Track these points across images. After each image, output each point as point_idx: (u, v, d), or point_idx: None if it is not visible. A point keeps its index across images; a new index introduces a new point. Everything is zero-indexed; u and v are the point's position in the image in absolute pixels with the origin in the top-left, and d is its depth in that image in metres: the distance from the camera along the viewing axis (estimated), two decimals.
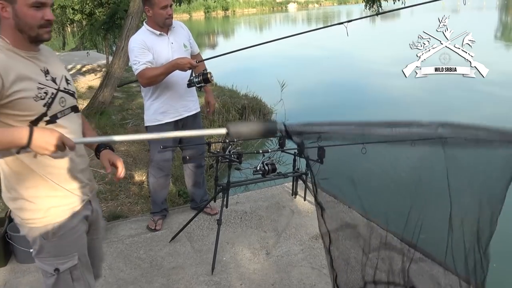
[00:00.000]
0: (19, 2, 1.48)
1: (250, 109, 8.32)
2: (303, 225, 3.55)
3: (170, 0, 3.07)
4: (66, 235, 1.69)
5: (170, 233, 3.40)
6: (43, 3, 1.52)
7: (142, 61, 3.01)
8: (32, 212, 1.63)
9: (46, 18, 1.53)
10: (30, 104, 1.50)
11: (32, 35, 1.53)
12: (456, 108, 9.69)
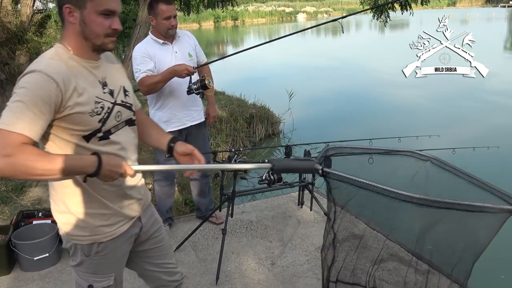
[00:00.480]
0: (89, 8, 1.42)
1: (258, 118, 8.31)
2: (309, 235, 3.51)
3: (174, 11, 3.08)
4: (109, 255, 1.64)
5: (175, 242, 3.38)
6: (113, 12, 1.46)
7: (142, 70, 3.04)
8: (80, 229, 1.57)
9: (113, 27, 1.47)
10: (85, 119, 1.44)
11: (97, 44, 1.47)
12: (466, 118, 9.60)
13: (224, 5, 9.37)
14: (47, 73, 1.35)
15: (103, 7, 1.42)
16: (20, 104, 1.30)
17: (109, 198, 1.57)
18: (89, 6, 1.41)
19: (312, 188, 3.81)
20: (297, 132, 8.23)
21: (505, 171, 6.38)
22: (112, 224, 1.60)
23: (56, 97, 1.35)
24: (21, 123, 1.29)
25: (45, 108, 1.33)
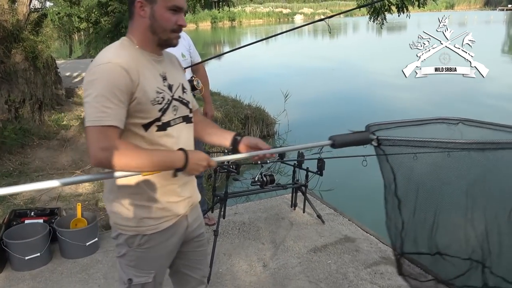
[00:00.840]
0: (159, 3, 1.48)
1: (253, 119, 8.31)
2: (302, 238, 3.51)
3: None
4: (151, 250, 1.63)
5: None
6: (180, 8, 1.52)
7: None
8: (126, 219, 1.59)
9: (179, 23, 1.53)
10: (147, 107, 1.48)
11: (163, 38, 1.53)
12: None
13: (221, 6, 9.33)
14: (118, 63, 1.41)
15: (172, 3, 1.49)
16: (101, 98, 1.36)
17: (159, 193, 1.59)
18: (159, 1, 1.48)
19: (305, 190, 3.81)
20: (292, 133, 8.23)
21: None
22: (157, 217, 1.61)
23: (129, 84, 1.42)
24: (108, 116, 1.36)
25: (123, 97, 1.40)
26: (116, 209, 1.60)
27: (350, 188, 5.92)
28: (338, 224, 3.75)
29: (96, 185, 4.66)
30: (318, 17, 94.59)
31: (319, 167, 3.56)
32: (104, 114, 1.36)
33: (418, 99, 11.96)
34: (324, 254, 3.26)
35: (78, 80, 11.15)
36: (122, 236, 1.62)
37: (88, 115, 1.37)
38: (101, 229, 3.67)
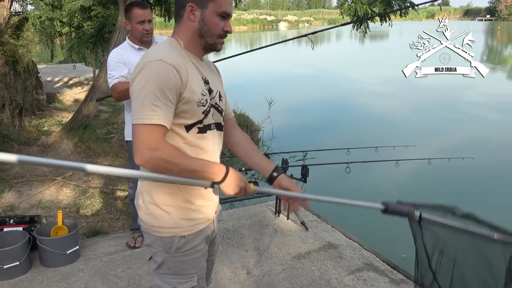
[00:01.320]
0: (210, 9, 1.51)
1: None
2: (285, 245, 3.50)
3: (148, 15, 3.03)
4: (189, 252, 1.61)
5: (147, 253, 3.33)
6: (228, 15, 1.54)
7: (115, 75, 3.00)
8: (162, 220, 1.56)
9: (225, 29, 1.55)
10: (193, 108, 1.49)
11: (209, 42, 1.55)
12: (442, 129, 9.77)
13: None
14: (168, 62, 1.42)
15: (222, 9, 1.51)
16: (150, 95, 1.37)
17: (193, 194, 1.59)
18: (210, 7, 1.50)
19: None
20: (276, 140, 8.26)
21: (479, 182, 6.51)
22: (193, 219, 1.60)
23: (179, 83, 1.42)
24: (157, 115, 1.36)
25: (172, 96, 1.40)
26: (152, 211, 1.58)
27: (333, 195, 5.94)
28: (321, 231, 3.76)
29: (77, 192, 4.60)
30: (302, 24, 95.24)
31: (303, 174, 3.57)
32: (154, 113, 1.36)
33: (400, 106, 12.12)
34: (308, 261, 3.26)
35: (60, 85, 11.01)
36: (158, 241, 1.59)
37: (137, 112, 1.38)
38: (82, 237, 3.61)
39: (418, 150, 5.84)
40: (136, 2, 3.19)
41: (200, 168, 1.40)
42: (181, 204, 1.57)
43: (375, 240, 4.10)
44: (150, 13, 3.08)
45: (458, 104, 12.16)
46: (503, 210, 5.59)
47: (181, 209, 1.58)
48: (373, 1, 7.93)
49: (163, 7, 8.41)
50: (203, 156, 1.53)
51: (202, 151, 1.55)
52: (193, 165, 1.40)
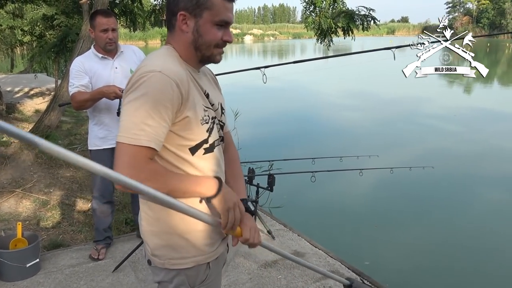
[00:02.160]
0: (205, 17, 1.32)
1: None
2: (252, 254, 3.50)
3: (112, 24, 3.00)
4: (213, 283, 1.45)
5: (114, 262, 3.26)
6: (228, 23, 1.36)
7: (75, 84, 2.97)
8: (182, 250, 1.37)
9: (224, 38, 1.36)
10: (196, 126, 1.31)
11: (206, 55, 1.37)
12: (404, 139, 10.06)
13: None
14: (168, 74, 1.24)
15: (219, 18, 1.33)
16: (142, 112, 1.21)
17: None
18: (205, 15, 1.32)
19: (256, 206, 3.83)
20: (242, 150, 8.18)
21: (438, 190, 6.73)
22: (213, 242, 1.44)
23: (177, 100, 1.25)
24: (146, 135, 1.20)
25: (167, 114, 1.23)
26: (167, 242, 1.38)
27: (299, 203, 6.02)
28: (288, 240, 3.78)
29: (38, 204, 4.45)
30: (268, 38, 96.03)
31: (269, 183, 3.60)
32: (142, 133, 1.20)
33: (363, 118, 12.40)
34: (274, 270, 3.27)
35: (20, 95, 10.68)
36: (181, 275, 1.39)
37: (124, 129, 1.21)
38: (42, 250, 3.50)
39: (381, 160, 6.00)
40: (100, 11, 3.17)
41: (191, 186, 1.28)
42: (201, 227, 1.39)
43: (340, 248, 4.17)
44: (115, 21, 3.05)
45: (418, 117, 12.56)
46: (460, 217, 5.80)
47: (203, 233, 1.40)
48: (336, 16, 8.13)
49: (128, 18, 8.35)
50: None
51: (212, 172, 1.39)
52: (181, 183, 1.27)
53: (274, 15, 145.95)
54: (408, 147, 9.37)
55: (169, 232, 1.38)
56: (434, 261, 4.70)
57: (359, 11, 7.79)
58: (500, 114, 12.94)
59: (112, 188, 3.36)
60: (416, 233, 5.37)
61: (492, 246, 5.03)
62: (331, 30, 7.74)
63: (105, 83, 3.00)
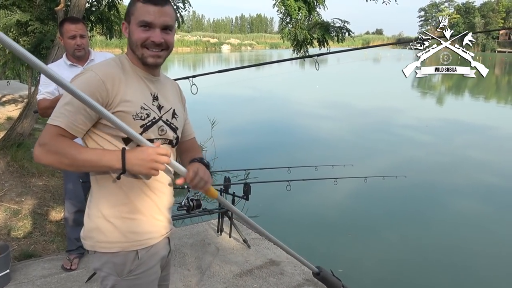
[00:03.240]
0: (132, 22, 1.50)
1: None
2: (228, 263, 3.51)
3: (80, 30, 3.00)
4: (143, 275, 1.51)
5: (87, 272, 3.22)
6: (149, 23, 1.47)
7: (42, 91, 2.98)
8: (109, 234, 1.47)
9: (151, 39, 1.48)
10: (128, 120, 1.43)
11: (138, 56, 1.52)
12: (378, 149, 10.22)
13: None
14: (96, 72, 1.43)
15: (139, 19, 1.48)
16: (66, 100, 1.40)
17: (144, 205, 1.52)
18: (132, 20, 1.50)
19: (232, 215, 3.84)
20: (218, 160, 8.28)
21: (410, 198, 6.88)
22: (143, 232, 1.52)
23: (101, 93, 1.41)
24: (61, 117, 1.38)
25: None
26: (98, 224, 1.49)
27: (275, 212, 6.05)
28: (263, 248, 3.80)
29: (8, 213, 4.35)
30: (245, 48, 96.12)
31: (245, 192, 3.61)
32: (59, 116, 1.39)
33: (338, 128, 12.57)
34: (250, 278, 3.29)
35: None
36: (109, 263, 1.49)
37: (52, 113, 1.42)
38: (13, 260, 3.42)
39: (355, 169, 6.10)
40: (68, 18, 3.18)
41: (94, 158, 1.38)
42: (128, 215, 1.50)
43: (315, 256, 4.21)
44: (83, 28, 3.04)
45: (391, 127, 12.81)
46: (432, 225, 5.93)
47: (129, 221, 1.50)
48: (312, 27, 8.26)
49: (104, 25, 8.29)
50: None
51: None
52: (86, 156, 1.37)
53: (252, 25, 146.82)
54: (382, 156, 9.54)
55: (99, 216, 1.50)
56: (406, 268, 4.79)
57: (334, 23, 7.94)
58: (469, 125, 13.32)
59: (84, 197, 3.32)
60: (390, 240, 5.46)
61: (462, 251, 5.16)
62: (306, 41, 7.85)
63: None
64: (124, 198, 1.50)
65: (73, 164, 1.37)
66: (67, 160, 1.36)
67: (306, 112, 15.20)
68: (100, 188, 1.51)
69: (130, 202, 1.50)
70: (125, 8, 1.71)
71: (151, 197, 1.54)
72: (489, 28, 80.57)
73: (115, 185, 1.49)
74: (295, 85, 24.16)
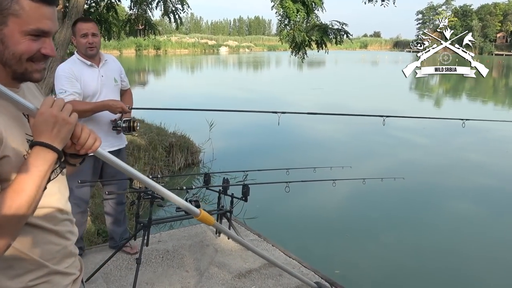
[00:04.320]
0: (11, 26, 1.05)
1: (177, 147, 8.24)
2: (226, 264, 3.51)
3: (92, 29, 3.02)
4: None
5: (85, 273, 3.19)
6: (46, 32, 1.09)
7: (69, 91, 2.94)
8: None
9: (43, 51, 1.10)
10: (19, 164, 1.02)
11: (18, 71, 1.10)
12: (376, 151, 10.24)
13: (146, 34, 9.31)
14: None
15: (33, 26, 1.07)
16: None
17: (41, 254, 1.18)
18: (11, 23, 1.05)
19: (230, 216, 3.83)
20: (217, 162, 8.27)
21: (409, 200, 6.88)
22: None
23: None
24: None
25: None
26: None
27: (274, 214, 6.05)
28: (261, 250, 3.79)
29: None
30: (243, 50, 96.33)
31: (244, 193, 3.61)
32: None
33: (336, 130, 12.58)
34: (249, 280, 3.28)
35: None
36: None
37: None
38: None
39: (354, 171, 6.10)
40: (80, 18, 3.20)
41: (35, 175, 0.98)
42: (36, 279, 1.14)
43: (313, 258, 4.21)
44: (94, 27, 3.06)
45: (389, 128, 12.83)
46: (430, 227, 5.94)
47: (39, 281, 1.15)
48: (310, 29, 8.28)
49: (103, 27, 8.28)
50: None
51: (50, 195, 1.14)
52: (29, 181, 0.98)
53: (250, 27, 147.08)
54: (380, 158, 9.55)
55: None
56: (404, 270, 4.79)
57: (333, 25, 7.95)
58: (468, 127, 13.32)
59: (88, 197, 3.33)
60: (387, 242, 5.46)
61: (460, 254, 5.17)
62: (305, 43, 7.86)
63: (92, 91, 3.04)
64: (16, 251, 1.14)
65: (31, 203, 0.99)
66: (25, 207, 0.97)
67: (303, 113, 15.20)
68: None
69: (26, 256, 1.16)
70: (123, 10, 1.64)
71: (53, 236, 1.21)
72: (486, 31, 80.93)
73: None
74: (292, 86, 24.20)
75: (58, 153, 1.02)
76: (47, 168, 1.00)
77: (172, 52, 74.91)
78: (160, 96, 18.63)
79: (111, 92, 3.15)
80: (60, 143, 1.02)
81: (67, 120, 1.02)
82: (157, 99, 17.07)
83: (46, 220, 1.15)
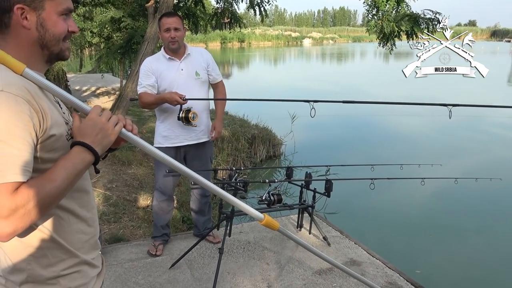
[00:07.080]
0: (48, 9, 1.12)
1: (259, 139, 8.31)
2: (307, 259, 3.46)
3: (174, 23, 3.08)
4: None
5: (171, 259, 3.33)
6: (71, 10, 1.20)
7: (143, 84, 3.11)
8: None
9: (71, 29, 1.19)
10: (63, 144, 1.13)
11: (55, 52, 1.17)
12: (468, 148, 9.57)
13: (232, 27, 9.47)
14: (12, 92, 1.01)
15: (63, 6, 1.16)
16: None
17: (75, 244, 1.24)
18: (48, 6, 1.13)
19: (312, 211, 3.77)
20: (298, 155, 8.22)
21: (506, 203, 6.34)
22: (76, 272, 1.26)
23: (33, 119, 1.03)
24: (12, 167, 0.97)
25: (27, 136, 1.01)
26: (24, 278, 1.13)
27: (356, 210, 5.88)
28: (344, 247, 3.70)
29: (101, 198, 4.65)
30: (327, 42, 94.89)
31: (327, 188, 3.53)
32: (5, 167, 0.97)
33: (423, 124, 11.94)
34: (330, 277, 3.21)
35: (88, 94, 11.29)
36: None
37: None
38: (104, 243, 3.64)
39: (444, 169, 5.73)
40: (166, 13, 3.30)
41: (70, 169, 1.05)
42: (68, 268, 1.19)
43: (396, 258, 4.03)
44: (177, 21, 3.12)
45: (482, 125, 11.93)
46: None
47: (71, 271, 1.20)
48: (399, 19, 7.89)
49: (190, 20, 8.56)
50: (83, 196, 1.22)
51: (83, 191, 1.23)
52: (60, 174, 1.03)
53: (334, 18, 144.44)
54: (473, 156, 8.91)
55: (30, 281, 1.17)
56: (492, 275, 4.44)
57: (425, 14, 7.51)
58: None
59: (173, 186, 3.44)
60: (476, 245, 5.11)
61: None
62: (394, 34, 7.51)
63: (168, 84, 3.10)
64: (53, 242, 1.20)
65: (62, 192, 1.04)
66: (56, 193, 1.02)
67: (389, 107, 14.62)
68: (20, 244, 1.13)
69: (60, 246, 1.21)
70: (210, 4, 1.66)
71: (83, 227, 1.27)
72: None
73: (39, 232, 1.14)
74: (379, 80, 23.37)
75: (96, 157, 1.10)
76: (82, 167, 1.08)
77: (256, 44, 75.83)
78: (244, 88, 18.91)
79: (191, 86, 3.17)
80: (100, 149, 1.11)
81: (112, 130, 1.12)
82: (241, 91, 17.35)
83: (81, 206, 1.22)
